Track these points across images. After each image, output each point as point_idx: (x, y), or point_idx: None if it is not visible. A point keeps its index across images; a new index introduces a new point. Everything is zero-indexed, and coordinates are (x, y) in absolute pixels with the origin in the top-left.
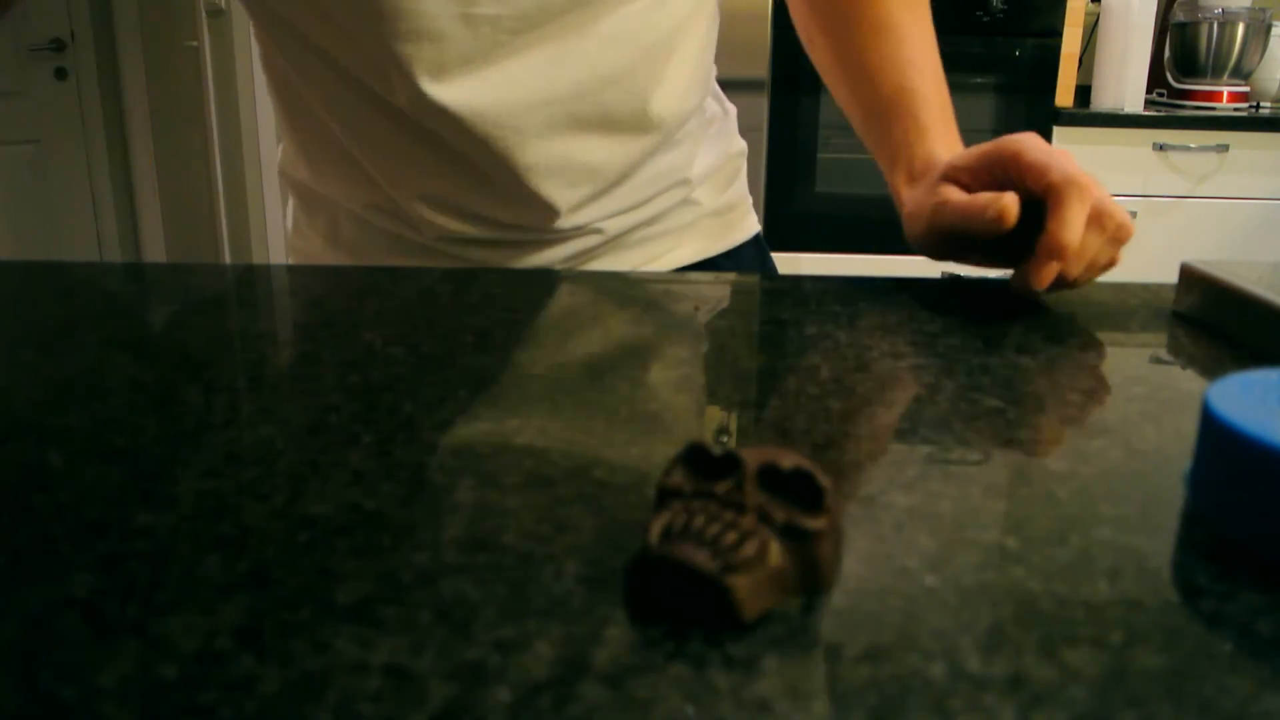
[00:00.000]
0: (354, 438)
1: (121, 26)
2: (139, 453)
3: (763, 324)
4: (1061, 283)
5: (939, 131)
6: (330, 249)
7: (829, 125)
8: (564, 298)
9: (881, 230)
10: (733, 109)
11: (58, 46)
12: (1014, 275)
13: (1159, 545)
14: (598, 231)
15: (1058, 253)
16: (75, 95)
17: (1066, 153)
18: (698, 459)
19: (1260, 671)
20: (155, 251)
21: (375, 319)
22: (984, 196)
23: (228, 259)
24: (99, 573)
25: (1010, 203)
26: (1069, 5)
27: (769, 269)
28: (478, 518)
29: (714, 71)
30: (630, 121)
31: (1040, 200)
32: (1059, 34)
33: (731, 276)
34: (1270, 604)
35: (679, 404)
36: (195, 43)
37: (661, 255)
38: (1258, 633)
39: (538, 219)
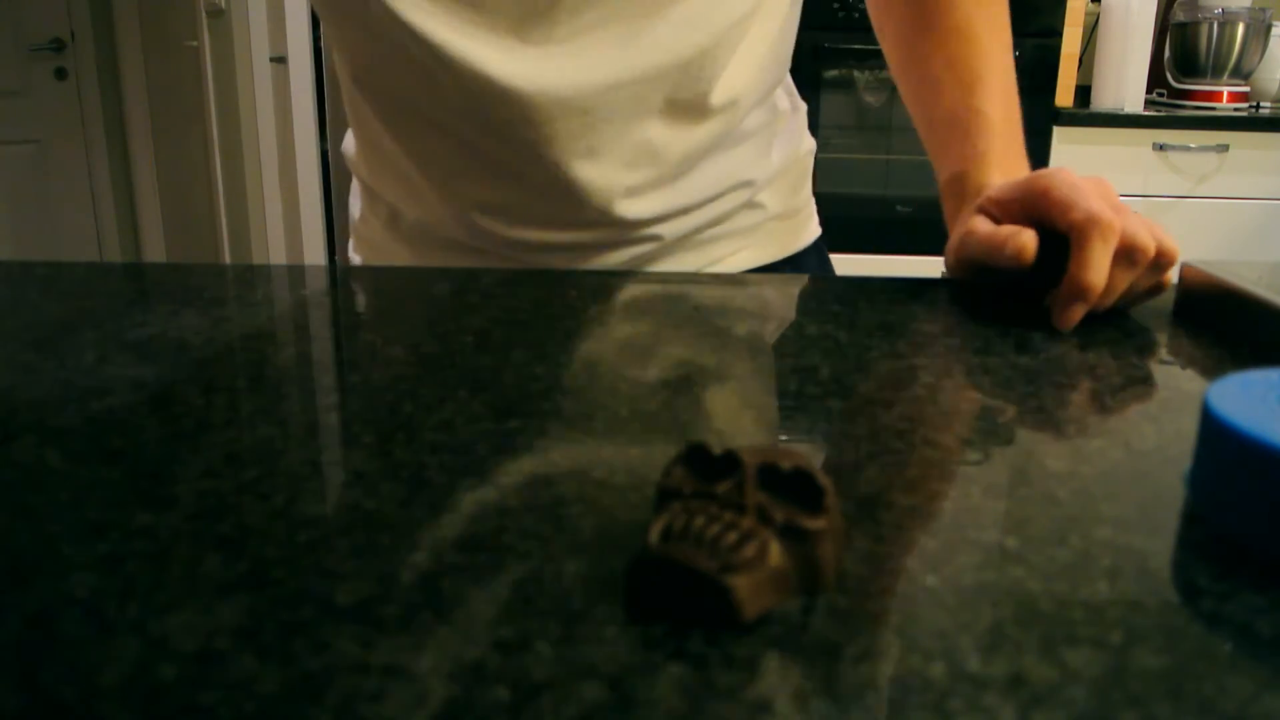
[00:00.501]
0: (354, 438)
1: (121, 26)
2: (139, 453)
3: (763, 324)
4: (1098, 317)
5: (996, 157)
6: (391, 239)
7: (829, 125)
8: (564, 297)
9: (881, 230)
10: (803, 106)
11: (58, 46)
12: (1049, 299)
13: (1159, 545)
14: (656, 239)
15: (1081, 294)
16: (75, 95)
17: (1100, 182)
18: (698, 459)
19: (1260, 671)
20: (155, 251)
21: (375, 319)
22: (1005, 230)
23: (228, 259)
24: (99, 573)
25: (1028, 241)
26: (1069, 5)
27: (828, 274)
28: (478, 518)
29: (788, 65)
30: (692, 107)
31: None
32: (1059, 34)
33: (731, 276)
34: (1270, 604)
35: (679, 404)
36: (195, 43)
37: (723, 258)
38: (1258, 633)
39: (596, 211)
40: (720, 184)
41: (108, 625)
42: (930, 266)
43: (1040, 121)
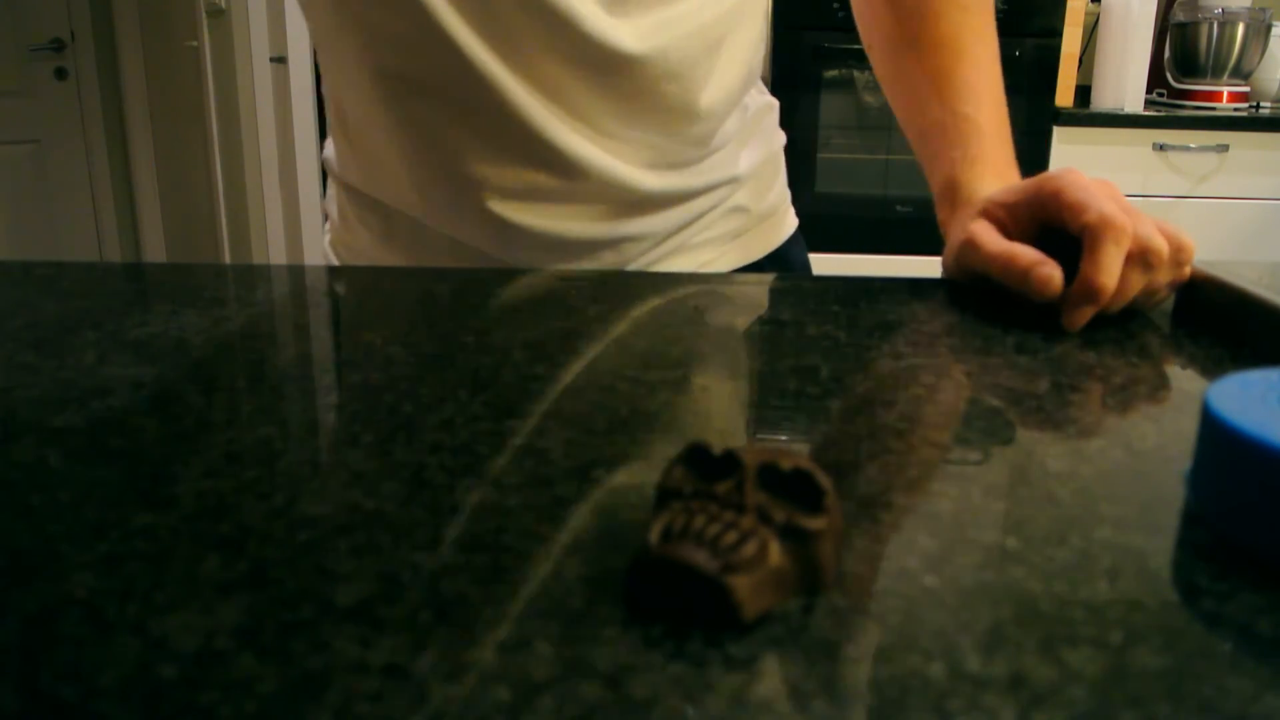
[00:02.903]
0: (354, 438)
1: (121, 26)
2: (139, 453)
3: (763, 324)
4: (1104, 317)
5: (988, 162)
6: (381, 246)
7: (829, 125)
8: (564, 297)
9: (881, 230)
10: (775, 102)
11: (58, 46)
12: (1059, 299)
13: (1159, 545)
14: (647, 236)
15: (1092, 296)
16: (75, 95)
17: (1109, 185)
18: (698, 459)
19: (1260, 671)
20: (155, 251)
21: (375, 319)
22: (1025, 257)
23: (228, 259)
24: (99, 573)
25: (1056, 276)
26: (1069, 5)
27: (806, 267)
28: (478, 518)
29: (761, 63)
30: (681, 114)
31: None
32: (1059, 34)
33: (732, 276)
34: (1270, 604)
35: (679, 404)
36: (195, 43)
37: (711, 262)
38: (1258, 633)
39: (599, 178)
40: (710, 176)
41: (108, 625)
42: (930, 266)
43: (1040, 121)
